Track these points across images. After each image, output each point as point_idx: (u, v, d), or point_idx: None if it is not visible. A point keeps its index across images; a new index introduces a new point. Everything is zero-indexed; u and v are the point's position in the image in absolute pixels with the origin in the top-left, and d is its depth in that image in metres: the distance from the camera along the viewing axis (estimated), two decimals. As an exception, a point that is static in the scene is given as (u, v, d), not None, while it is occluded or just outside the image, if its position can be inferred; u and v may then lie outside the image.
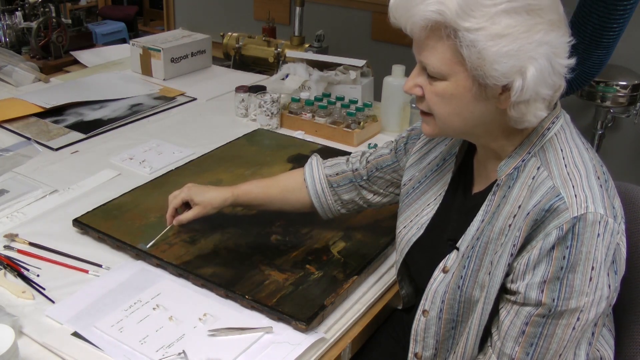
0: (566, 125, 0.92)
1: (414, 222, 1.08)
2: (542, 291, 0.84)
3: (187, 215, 1.23)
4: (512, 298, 0.88)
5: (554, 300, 0.83)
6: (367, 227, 1.34)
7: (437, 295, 0.98)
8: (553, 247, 0.82)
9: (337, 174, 1.24)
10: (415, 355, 1.04)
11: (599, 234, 0.81)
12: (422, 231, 1.06)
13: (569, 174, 0.85)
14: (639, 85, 2.56)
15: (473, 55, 0.81)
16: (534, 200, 0.85)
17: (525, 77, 0.80)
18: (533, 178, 0.88)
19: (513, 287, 0.87)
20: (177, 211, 1.26)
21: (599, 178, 0.87)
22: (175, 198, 1.24)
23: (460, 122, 0.90)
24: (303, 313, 1.06)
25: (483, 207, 0.95)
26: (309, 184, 1.25)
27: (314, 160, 1.28)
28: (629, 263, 1.08)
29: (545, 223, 0.83)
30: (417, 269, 1.09)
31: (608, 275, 0.84)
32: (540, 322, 0.85)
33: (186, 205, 1.25)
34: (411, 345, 1.04)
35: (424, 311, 1.00)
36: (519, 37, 0.79)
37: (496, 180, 0.94)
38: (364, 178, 1.22)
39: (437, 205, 1.06)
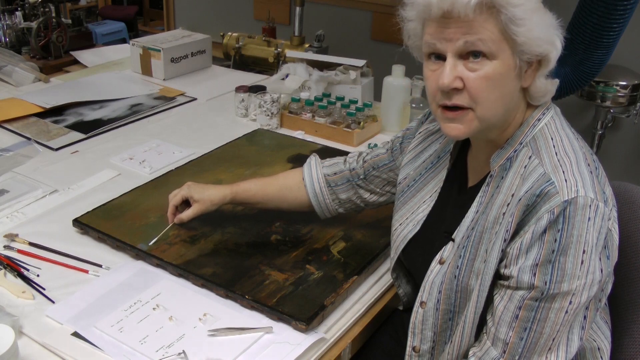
0: (556, 116, 0.94)
1: (409, 219, 1.09)
2: (535, 274, 0.85)
3: (187, 213, 1.25)
4: (506, 283, 0.89)
5: (546, 283, 0.84)
6: (367, 227, 1.34)
7: (434, 286, 0.98)
8: (545, 231, 0.84)
9: (335, 174, 1.25)
10: (414, 349, 1.05)
11: (589, 218, 0.82)
12: (418, 227, 1.07)
13: (560, 161, 0.87)
14: (639, 85, 2.56)
15: (521, 29, 0.84)
16: (525, 187, 0.87)
17: (556, 47, 0.86)
18: (525, 167, 0.89)
19: (506, 272, 0.88)
20: (177, 209, 1.27)
21: (589, 165, 0.88)
22: (175, 196, 1.26)
23: (501, 108, 0.90)
24: (303, 313, 1.06)
25: (477, 199, 0.96)
26: (307, 183, 1.25)
27: (313, 159, 1.29)
28: (629, 262, 1.08)
29: (537, 208, 0.85)
30: (414, 265, 1.10)
31: (600, 259, 0.85)
32: (533, 305, 0.86)
33: (186, 204, 1.27)
34: (409, 338, 1.05)
35: (421, 303, 1.01)
36: (547, 12, 0.87)
37: (489, 172, 0.95)
38: (361, 177, 1.23)
39: (433, 202, 1.07)
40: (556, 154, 0.88)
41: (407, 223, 1.09)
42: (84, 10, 4.99)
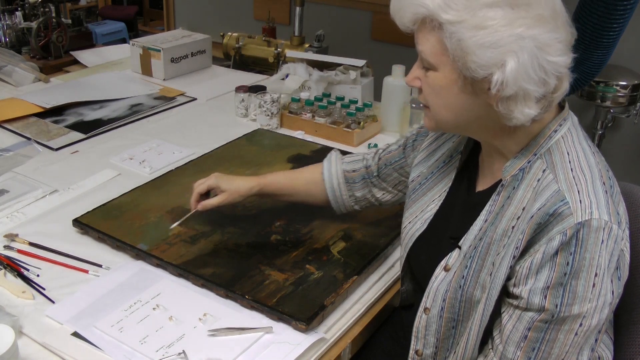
0: (573, 129, 0.91)
1: (418, 217, 1.09)
2: (545, 297, 0.83)
3: (212, 201, 1.23)
4: (515, 302, 0.88)
5: (556, 306, 0.83)
6: (367, 227, 1.34)
7: (438, 293, 0.98)
8: (556, 253, 0.82)
9: (354, 171, 1.26)
10: (416, 352, 1.05)
11: (602, 241, 0.81)
12: (425, 226, 1.07)
13: (575, 178, 0.85)
14: (639, 85, 2.56)
15: (454, 46, 0.82)
16: (538, 203, 0.85)
17: (505, 70, 0.80)
18: (538, 180, 0.87)
19: (515, 291, 0.87)
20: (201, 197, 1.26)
21: (604, 183, 0.86)
22: (201, 184, 1.25)
23: (451, 115, 0.91)
24: (303, 313, 1.06)
25: (487, 207, 0.95)
26: (325, 177, 1.26)
27: (333, 155, 1.30)
28: (630, 264, 1.08)
29: (549, 227, 0.83)
30: (418, 264, 1.10)
31: (612, 281, 0.84)
32: (543, 327, 0.85)
33: (207, 194, 1.26)
34: (412, 342, 1.05)
35: (425, 309, 1.00)
36: (499, 30, 0.79)
37: (501, 180, 0.94)
38: (374, 175, 1.23)
39: (441, 201, 1.06)
40: (572, 169, 0.86)
41: (415, 221, 1.09)
42: (84, 10, 4.99)
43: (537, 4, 0.81)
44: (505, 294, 0.91)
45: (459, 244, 0.97)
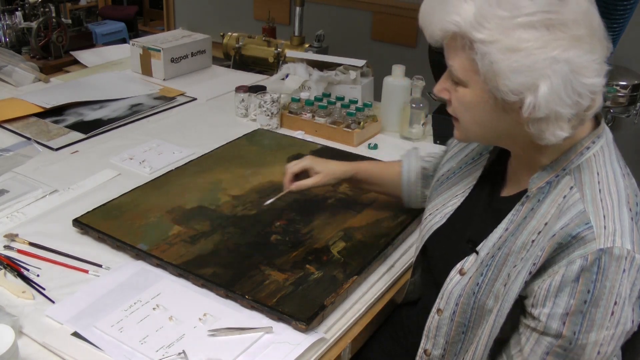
0: (607, 147, 0.89)
1: (439, 210, 1.09)
2: (564, 323, 0.83)
3: (307, 182, 1.25)
4: (532, 324, 0.87)
5: (574, 333, 0.82)
6: (367, 227, 1.34)
7: (452, 296, 0.97)
8: (577, 278, 0.81)
9: (427, 169, 1.29)
10: (425, 352, 1.05)
11: (624, 270, 0.80)
12: (444, 220, 1.06)
13: (602, 201, 0.83)
14: (639, 85, 2.56)
15: (486, 67, 0.80)
16: (561, 222, 0.83)
17: (537, 94, 0.78)
18: (564, 197, 0.86)
19: (534, 312, 0.86)
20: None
21: (630, 209, 0.84)
22: (295, 165, 1.27)
23: (481, 131, 0.90)
24: (303, 313, 1.06)
25: (509, 216, 0.93)
26: (404, 170, 1.30)
27: (414, 151, 1.33)
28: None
29: (570, 249, 0.82)
30: (433, 259, 1.09)
31: (633, 310, 0.83)
32: (561, 353, 0.85)
33: (296, 177, 1.27)
34: (422, 341, 1.05)
35: (438, 310, 1.00)
36: (533, 53, 0.77)
37: (526, 189, 0.92)
38: (430, 175, 1.27)
39: (464, 198, 1.06)
40: (600, 191, 0.84)
41: (436, 214, 1.09)
42: (84, 10, 5.00)
43: (574, 24, 0.78)
44: (521, 312, 0.90)
45: (477, 249, 0.96)
